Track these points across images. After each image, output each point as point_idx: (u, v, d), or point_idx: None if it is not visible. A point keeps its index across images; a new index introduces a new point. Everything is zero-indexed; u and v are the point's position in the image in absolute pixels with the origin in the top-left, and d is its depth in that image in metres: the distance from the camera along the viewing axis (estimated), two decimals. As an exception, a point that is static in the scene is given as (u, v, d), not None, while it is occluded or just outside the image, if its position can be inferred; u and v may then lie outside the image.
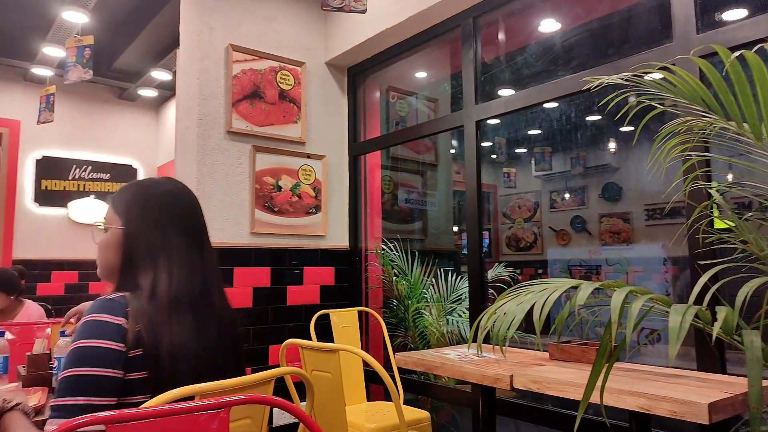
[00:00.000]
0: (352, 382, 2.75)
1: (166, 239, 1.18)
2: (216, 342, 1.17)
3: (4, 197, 5.45)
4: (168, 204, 1.22)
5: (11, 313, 3.36)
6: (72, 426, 0.74)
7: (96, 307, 1.07)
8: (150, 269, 1.14)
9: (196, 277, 1.19)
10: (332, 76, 3.55)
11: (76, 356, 1.02)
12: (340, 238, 3.46)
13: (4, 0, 4.38)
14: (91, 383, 1.00)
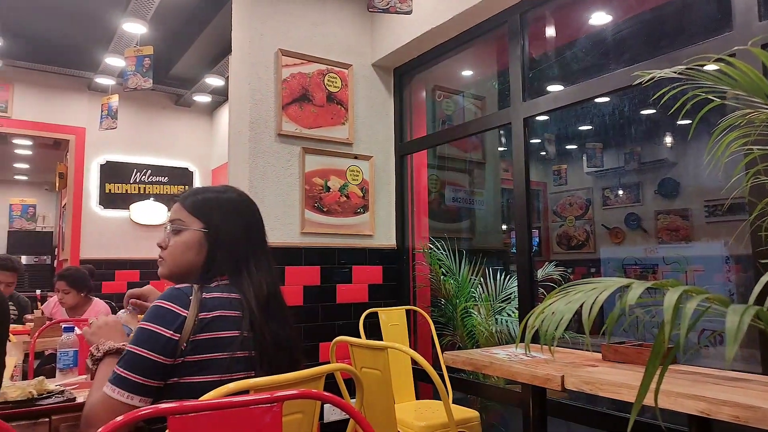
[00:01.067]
0: (401, 380, 2.77)
1: (248, 244, 1.30)
2: (294, 340, 1.29)
3: (72, 200, 5.78)
4: (245, 212, 1.35)
5: (81, 310, 3.57)
6: (137, 416, 0.79)
7: (164, 295, 1.20)
8: (242, 272, 1.27)
9: (270, 279, 1.31)
10: (379, 77, 3.58)
11: (137, 335, 1.15)
12: (387, 238, 3.49)
13: (70, 14, 4.65)
14: (140, 363, 1.12)
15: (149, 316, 1.17)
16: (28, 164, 9.19)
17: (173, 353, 1.14)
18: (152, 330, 1.14)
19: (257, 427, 0.78)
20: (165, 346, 1.13)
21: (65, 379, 1.93)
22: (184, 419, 0.75)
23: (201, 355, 1.15)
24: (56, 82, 5.69)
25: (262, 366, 1.20)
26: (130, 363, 1.13)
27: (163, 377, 1.14)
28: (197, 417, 0.76)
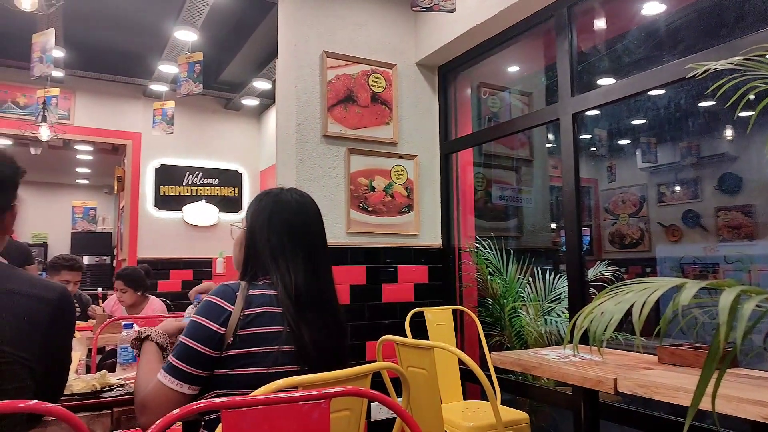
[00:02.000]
0: (448, 380, 2.76)
1: (280, 243, 1.33)
2: (338, 341, 1.32)
3: (130, 203, 6.05)
4: (279, 211, 1.38)
5: (138, 308, 3.73)
6: (192, 410, 0.82)
7: (215, 291, 1.26)
8: (272, 269, 1.31)
9: (310, 277, 1.33)
10: (423, 76, 3.57)
11: (188, 327, 1.23)
12: (432, 237, 3.48)
13: (127, 24, 4.86)
14: (190, 353, 1.19)
15: (200, 310, 1.24)
16: (89, 169, 9.68)
17: (219, 346, 1.20)
18: (201, 323, 1.21)
19: (306, 423, 0.80)
20: (212, 338, 1.19)
21: (125, 374, 2.02)
22: (237, 413, 0.77)
23: (247, 348, 1.20)
24: (114, 89, 5.96)
25: (305, 361, 1.22)
26: (181, 353, 1.20)
27: (210, 368, 1.20)
28: (248, 411, 0.78)
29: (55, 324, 1.14)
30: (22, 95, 5.58)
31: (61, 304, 1.15)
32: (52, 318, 1.13)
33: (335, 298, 1.40)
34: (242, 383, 1.18)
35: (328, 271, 1.41)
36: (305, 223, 1.40)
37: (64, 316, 1.17)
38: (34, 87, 5.27)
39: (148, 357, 1.34)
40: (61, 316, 1.16)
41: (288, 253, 1.33)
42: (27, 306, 1.09)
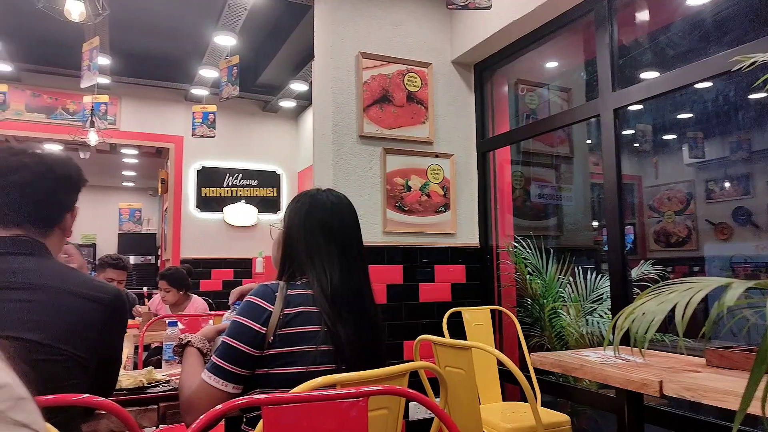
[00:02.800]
0: (487, 381, 2.73)
1: (315, 243, 1.35)
2: (373, 341, 1.32)
3: (173, 204, 6.23)
4: (315, 212, 1.40)
5: (181, 306, 3.84)
6: (234, 406, 0.84)
7: (255, 291, 1.29)
8: (308, 269, 1.33)
9: (346, 276, 1.34)
10: (459, 74, 3.54)
11: (230, 328, 1.25)
12: (470, 236, 3.45)
13: (169, 31, 5.01)
14: (232, 353, 1.22)
15: (241, 310, 1.27)
16: (135, 171, 10.02)
17: (261, 345, 1.22)
18: (242, 323, 1.23)
19: (344, 421, 0.80)
20: (253, 338, 1.22)
21: (170, 370, 2.08)
22: (277, 410, 0.79)
23: (286, 348, 1.22)
24: (157, 94, 6.15)
25: (342, 360, 1.23)
26: (223, 353, 1.23)
27: (252, 367, 1.23)
28: (288, 408, 0.79)
29: (109, 324, 1.19)
30: (72, 102, 5.82)
31: (114, 306, 1.20)
32: (105, 319, 1.17)
33: (371, 296, 1.41)
34: (281, 382, 1.20)
35: (363, 270, 1.42)
36: (340, 223, 1.41)
37: (116, 317, 1.22)
38: (82, 94, 5.50)
39: (190, 361, 1.38)
40: (114, 317, 1.21)
41: (323, 253, 1.34)
42: (83, 307, 1.14)
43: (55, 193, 1.24)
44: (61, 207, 1.26)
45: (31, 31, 4.98)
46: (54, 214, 1.25)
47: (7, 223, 1.18)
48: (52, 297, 1.11)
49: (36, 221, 1.21)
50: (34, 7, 3.18)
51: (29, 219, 1.20)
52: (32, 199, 1.20)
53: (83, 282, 1.18)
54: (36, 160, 1.21)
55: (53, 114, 5.78)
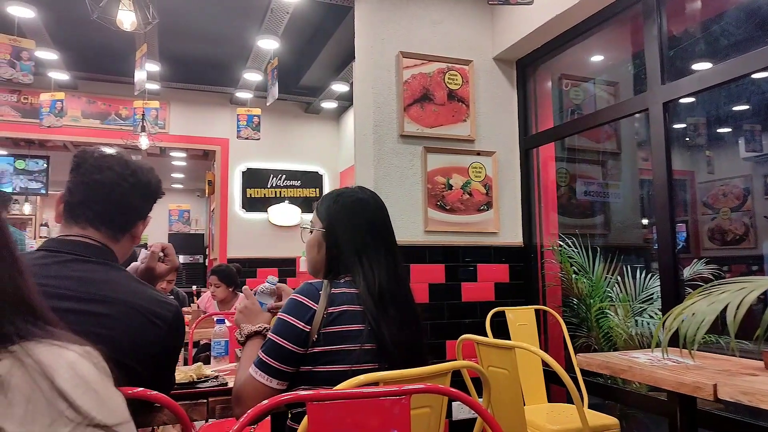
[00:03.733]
0: (532, 382, 2.69)
1: (363, 241, 1.35)
2: (417, 336, 1.32)
3: (219, 205, 6.40)
4: (361, 211, 1.41)
5: (229, 304, 3.95)
6: (280, 401, 0.86)
7: (299, 289, 1.31)
8: (355, 268, 1.33)
9: (391, 274, 1.34)
10: (500, 71, 3.50)
11: (276, 325, 1.28)
12: (513, 235, 3.40)
13: (214, 37, 5.15)
14: (277, 350, 1.24)
15: (286, 308, 1.29)
16: (183, 174, 10.35)
17: (305, 343, 1.24)
18: (288, 321, 1.26)
19: (387, 418, 0.81)
20: (298, 336, 1.24)
21: (218, 366, 2.15)
22: (321, 406, 0.80)
23: (331, 346, 1.23)
24: (204, 98, 6.33)
25: (385, 359, 1.24)
26: (269, 349, 1.25)
27: (297, 364, 1.25)
28: (332, 404, 0.81)
29: (169, 340, 1.22)
30: (124, 108, 6.06)
31: (175, 323, 1.23)
32: (166, 334, 1.20)
33: (411, 294, 1.41)
34: (325, 380, 1.21)
35: (404, 268, 1.43)
36: (384, 222, 1.42)
37: (176, 332, 1.25)
38: (133, 100, 5.72)
39: (246, 353, 1.39)
40: (174, 333, 1.24)
41: (371, 252, 1.34)
42: (147, 323, 1.17)
43: (133, 198, 1.28)
44: (135, 213, 1.30)
45: (86, 42, 5.22)
46: (128, 219, 1.29)
47: (84, 221, 1.22)
48: (120, 311, 1.14)
49: (110, 224, 1.24)
50: (89, 18, 3.33)
51: (104, 221, 1.23)
52: (111, 201, 1.24)
53: (149, 298, 1.21)
54: (121, 163, 1.26)
55: (107, 119, 6.04)
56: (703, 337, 0.98)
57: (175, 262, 1.53)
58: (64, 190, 1.26)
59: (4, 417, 0.47)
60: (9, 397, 0.48)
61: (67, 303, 1.08)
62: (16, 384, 0.49)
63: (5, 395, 0.48)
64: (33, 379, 0.50)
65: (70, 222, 1.24)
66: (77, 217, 1.23)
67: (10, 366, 0.50)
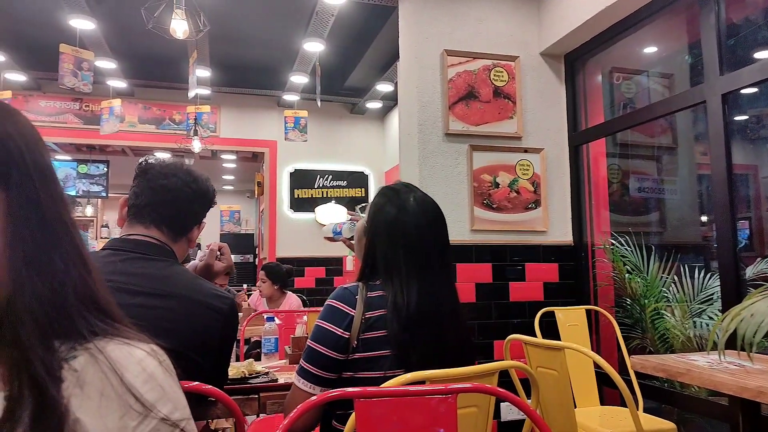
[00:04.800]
0: (583, 384, 2.62)
1: (398, 260, 1.31)
2: (456, 352, 1.29)
3: (268, 205, 6.55)
4: (405, 227, 1.34)
5: (277, 302, 4.04)
6: (326, 398, 0.88)
7: (335, 294, 1.31)
8: (385, 281, 1.31)
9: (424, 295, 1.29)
10: (548, 66, 3.43)
11: (314, 332, 1.28)
12: (563, 234, 3.32)
13: (262, 41, 5.28)
14: (316, 357, 1.25)
15: (323, 314, 1.28)
16: (233, 175, 10.65)
17: (345, 349, 1.23)
18: (326, 328, 1.26)
19: (433, 416, 0.81)
20: (337, 342, 1.23)
21: (269, 363, 2.20)
22: (368, 403, 0.81)
23: (368, 352, 1.23)
24: (252, 102, 6.49)
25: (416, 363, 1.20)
26: (309, 357, 1.26)
27: (338, 370, 1.25)
28: (378, 402, 0.81)
29: (225, 331, 1.30)
30: (177, 113, 6.29)
31: (230, 315, 1.30)
32: (223, 326, 1.28)
33: (454, 303, 1.36)
34: (363, 386, 1.21)
35: (448, 278, 1.37)
36: (426, 232, 1.34)
37: (231, 324, 1.32)
38: (186, 105, 5.93)
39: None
40: (230, 324, 1.31)
41: (403, 272, 1.29)
42: (207, 316, 1.25)
43: (193, 204, 1.38)
44: (193, 218, 1.40)
45: (141, 50, 5.45)
46: (187, 223, 1.39)
47: (149, 221, 1.32)
48: (182, 305, 1.22)
49: (171, 226, 1.34)
50: (144, 28, 3.48)
51: (166, 222, 1.33)
52: (174, 205, 1.34)
53: (207, 292, 1.29)
54: (184, 171, 1.38)
55: (162, 124, 6.29)
56: (764, 339, 0.93)
57: (230, 261, 1.60)
58: (130, 193, 1.36)
59: (82, 409, 0.51)
60: (85, 391, 0.52)
61: (132, 298, 1.16)
62: (90, 379, 0.53)
63: (81, 389, 0.52)
64: (104, 375, 0.54)
65: (134, 223, 1.33)
66: (142, 218, 1.32)
67: (85, 362, 0.54)
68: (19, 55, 5.25)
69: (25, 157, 0.55)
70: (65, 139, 6.25)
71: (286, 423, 0.85)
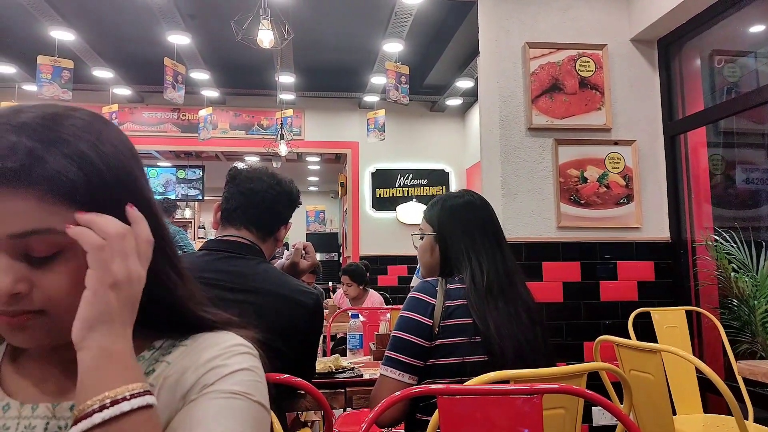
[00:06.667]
0: (683, 390, 2.46)
1: (472, 241, 1.40)
2: (527, 327, 1.32)
3: (351, 205, 6.70)
4: (471, 211, 1.47)
5: (360, 300, 4.12)
6: (410, 393, 0.89)
7: (417, 287, 1.38)
8: (463, 265, 1.37)
9: (500, 270, 1.37)
10: (639, 53, 3.24)
11: (398, 322, 1.34)
12: (658, 230, 3.13)
13: (342, 45, 5.40)
14: (403, 345, 1.30)
15: (406, 306, 1.35)
16: (317, 177, 10.99)
17: (430, 336, 1.29)
18: (410, 317, 1.32)
19: (518, 416, 0.80)
20: (422, 330, 1.29)
21: (354, 358, 2.26)
22: (451, 400, 0.82)
23: (449, 339, 1.28)
24: (334, 104, 6.66)
25: (491, 351, 1.25)
26: (396, 346, 1.31)
27: (425, 358, 1.30)
28: (462, 399, 0.81)
29: (311, 325, 1.38)
30: (265, 118, 6.60)
31: (315, 309, 1.38)
32: (308, 320, 1.36)
33: (527, 290, 1.42)
34: (442, 372, 1.27)
35: (516, 265, 1.45)
36: (492, 219, 1.47)
37: (317, 318, 1.41)
38: (273, 110, 6.20)
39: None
40: (315, 319, 1.39)
41: (480, 248, 1.39)
42: (292, 309, 1.33)
43: (279, 205, 1.47)
44: (279, 218, 1.49)
45: (230, 60, 5.77)
46: (274, 223, 1.47)
47: (239, 223, 1.42)
48: (270, 300, 1.31)
49: (260, 227, 1.44)
50: (233, 40, 3.68)
51: (255, 223, 1.43)
52: (262, 207, 1.43)
53: (293, 287, 1.37)
54: (269, 175, 1.47)
55: (251, 130, 6.61)
56: None
57: (314, 259, 1.67)
58: (222, 199, 1.48)
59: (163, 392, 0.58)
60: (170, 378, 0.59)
61: (225, 294, 1.25)
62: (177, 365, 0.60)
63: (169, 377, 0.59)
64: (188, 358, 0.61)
65: (227, 225, 1.44)
66: (233, 221, 1.43)
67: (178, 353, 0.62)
68: (124, 71, 5.74)
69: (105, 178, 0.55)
70: (165, 146, 6.76)
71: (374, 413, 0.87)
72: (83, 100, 6.06)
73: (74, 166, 0.53)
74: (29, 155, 0.51)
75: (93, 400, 0.48)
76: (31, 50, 4.71)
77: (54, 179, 0.52)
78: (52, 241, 0.53)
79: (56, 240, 0.53)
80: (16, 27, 4.84)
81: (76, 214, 0.53)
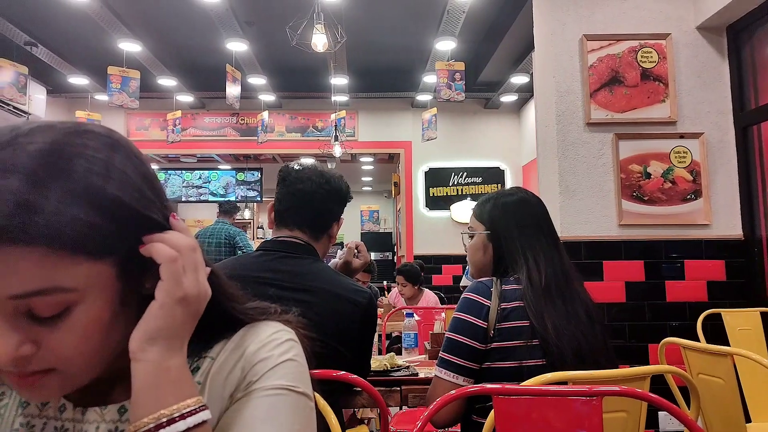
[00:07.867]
0: (760, 396, 2.32)
1: (528, 239, 1.37)
2: (587, 326, 1.28)
3: (405, 205, 6.71)
4: (526, 209, 1.43)
5: (415, 299, 4.12)
6: (465, 393, 0.89)
7: (471, 288, 1.35)
8: (519, 264, 1.34)
9: (558, 268, 1.34)
10: (706, 41, 3.07)
11: (452, 324, 1.32)
12: (730, 227, 2.96)
13: (394, 45, 5.42)
14: (457, 347, 1.28)
15: (460, 307, 1.33)
16: (371, 177, 11.07)
17: (484, 339, 1.26)
18: (464, 319, 1.30)
19: (576, 418, 0.78)
20: (476, 332, 1.27)
21: (409, 357, 2.27)
22: (507, 400, 0.81)
23: (505, 342, 1.25)
24: (387, 105, 6.69)
25: (550, 353, 1.22)
26: (450, 348, 1.30)
27: (479, 360, 1.27)
28: (518, 399, 0.81)
29: (364, 323, 1.39)
30: (320, 120, 6.71)
31: (369, 308, 1.39)
32: (362, 318, 1.37)
33: (585, 290, 1.37)
34: (500, 376, 1.24)
35: (569, 260, 1.41)
36: (547, 218, 1.43)
37: (370, 317, 1.41)
38: (327, 112, 6.30)
39: None
40: (369, 317, 1.40)
41: (537, 248, 1.35)
42: (346, 308, 1.35)
43: (329, 202, 1.48)
44: (331, 216, 1.51)
45: (286, 65, 5.91)
46: (326, 221, 1.49)
47: (291, 224, 1.45)
48: (325, 299, 1.33)
49: (312, 226, 1.46)
50: (288, 45, 3.77)
51: (307, 223, 1.45)
52: (312, 206, 1.45)
53: (346, 286, 1.39)
54: (318, 173, 1.48)
55: (306, 132, 6.75)
56: None
57: (367, 258, 1.68)
58: (274, 200, 1.51)
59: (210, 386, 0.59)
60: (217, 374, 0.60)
61: (284, 293, 1.28)
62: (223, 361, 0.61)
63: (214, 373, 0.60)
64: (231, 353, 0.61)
65: (280, 226, 1.48)
66: (286, 221, 1.46)
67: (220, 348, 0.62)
68: (185, 79, 5.99)
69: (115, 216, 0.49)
70: (226, 150, 7.00)
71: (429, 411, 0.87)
72: (149, 108, 6.37)
73: (80, 212, 0.47)
74: (24, 207, 0.45)
75: (149, 418, 0.49)
76: (101, 62, 5.01)
77: (56, 234, 0.46)
78: (60, 300, 0.48)
79: (64, 298, 0.48)
80: (88, 41, 5.15)
81: (145, 238, 0.52)
